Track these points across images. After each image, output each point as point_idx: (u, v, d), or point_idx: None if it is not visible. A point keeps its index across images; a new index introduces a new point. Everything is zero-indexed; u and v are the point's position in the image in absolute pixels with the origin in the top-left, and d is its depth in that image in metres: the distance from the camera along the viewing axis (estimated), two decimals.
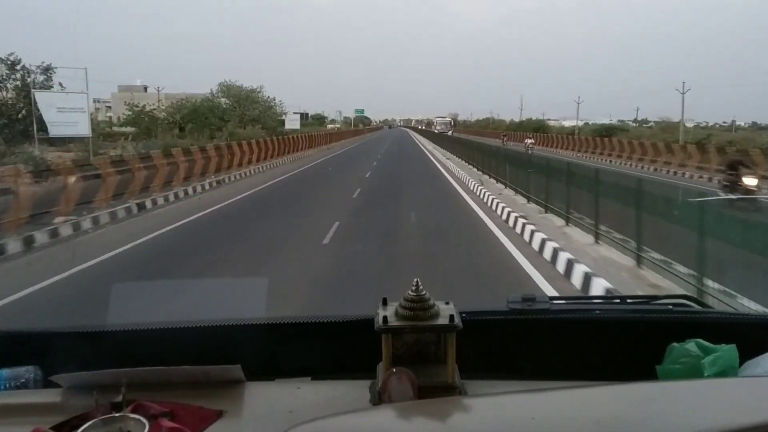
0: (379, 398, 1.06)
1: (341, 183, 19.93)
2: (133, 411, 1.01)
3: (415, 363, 1.11)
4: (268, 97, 51.43)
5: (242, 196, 16.55)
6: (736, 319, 1.56)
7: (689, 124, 59.60)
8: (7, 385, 1.25)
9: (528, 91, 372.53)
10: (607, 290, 6.17)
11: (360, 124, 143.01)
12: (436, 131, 77.81)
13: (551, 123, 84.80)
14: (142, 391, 1.08)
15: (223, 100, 48.43)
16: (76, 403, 1.06)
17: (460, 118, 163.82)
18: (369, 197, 16.03)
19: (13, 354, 1.31)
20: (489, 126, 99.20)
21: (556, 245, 8.41)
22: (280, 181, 21.19)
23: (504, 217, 12.01)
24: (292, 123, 49.06)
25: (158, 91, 54.43)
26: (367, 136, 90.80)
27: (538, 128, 69.47)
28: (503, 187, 16.99)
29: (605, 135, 46.76)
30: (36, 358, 1.30)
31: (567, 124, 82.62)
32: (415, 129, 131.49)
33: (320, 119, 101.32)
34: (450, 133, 71.64)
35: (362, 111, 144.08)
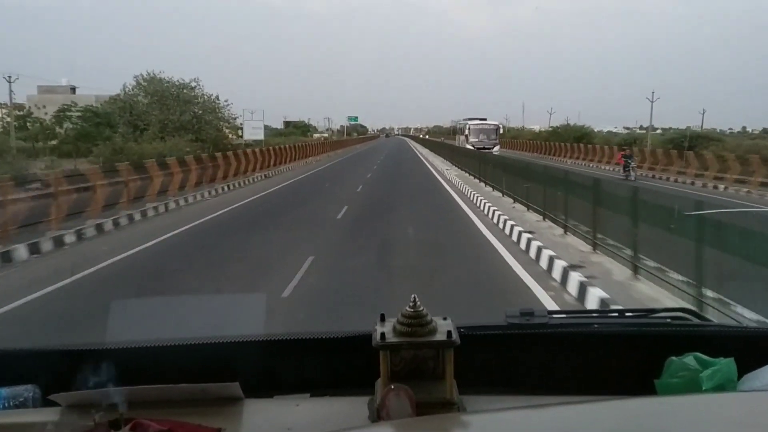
0: (377, 415, 1.06)
1: None
2: (132, 429, 1.01)
3: (413, 379, 1.11)
4: (209, 96, 35.95)
5: None
6: (734, 332, 1.56)
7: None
8: (6, 404, 1.25)
9: (530, 99, 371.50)
10: None
11: (354, 133, 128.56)
12: (469, 146, 40.15)
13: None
14: (140, 410, 1.07)
15: (141, 99, 34.18)
16: (75, 422, 1.06)
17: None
18: None
19: (12, 373, 1.31)
20: (505, 134, 77.79)
21: None
22: None
23: None
24: (254, 133, 36.70)
25: (9, 80, 37.64)
26: (356, 148, 63.62)
27: (580, 137, 50.65)
28: None
29: (690, 147, 32.65)
30: (35, 376, 1.30)
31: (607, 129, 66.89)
32: (416, 138, 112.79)
33: (304, 127, 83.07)
34: (496, 150, 39.45)
35: (356, 118, 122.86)
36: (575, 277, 7.54)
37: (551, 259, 8.56)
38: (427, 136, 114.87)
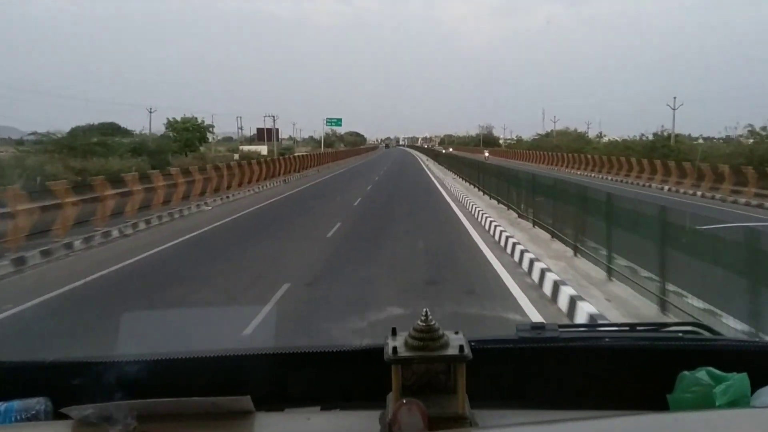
0: (389, 429, 1.06)
1: None
2: None
3: (425, 393, 1.10)
4: None
5: None
6: (747, 346, 1.55)
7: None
8: (18, 417, 1.25)
9: (528, 107, 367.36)
10: None
11: (340, 144, 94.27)
12: None
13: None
14: (152, 423, 1.08)
15: None
16: None
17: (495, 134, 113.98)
18: None
19: (23, 386, 1.32)
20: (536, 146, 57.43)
21: None
22: None
23: None
24: None
25: None
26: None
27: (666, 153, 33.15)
28: None
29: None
30: (46, 389, 1.30)
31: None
32: (431, 152, 77.41)
33: (194, 130, 38.52)
34: None
35: (338, 121, 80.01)
36: None
37: None
38: (486, 154, 57.00)
